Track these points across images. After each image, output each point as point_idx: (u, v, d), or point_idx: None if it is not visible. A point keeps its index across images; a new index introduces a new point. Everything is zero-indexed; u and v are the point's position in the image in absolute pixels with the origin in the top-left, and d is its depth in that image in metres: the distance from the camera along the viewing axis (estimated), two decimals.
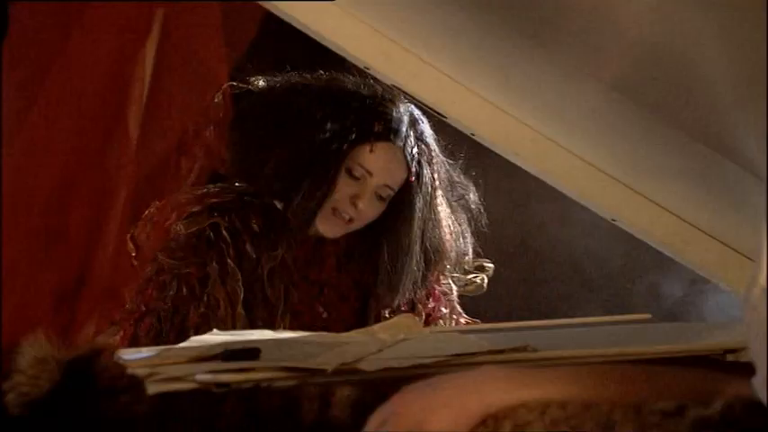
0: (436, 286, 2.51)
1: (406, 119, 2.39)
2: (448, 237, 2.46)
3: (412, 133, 2.39)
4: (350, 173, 2.34)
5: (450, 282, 2.54)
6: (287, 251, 2.38)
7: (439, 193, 2.44)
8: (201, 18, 1.70)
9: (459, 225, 2.49)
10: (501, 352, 1.74)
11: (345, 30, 2.02)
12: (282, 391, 1.52)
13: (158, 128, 1.67)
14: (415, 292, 2.46)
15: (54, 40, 1.60)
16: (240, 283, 2.33)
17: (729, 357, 1.67)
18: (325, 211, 2.35)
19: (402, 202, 2.39)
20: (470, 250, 2.50)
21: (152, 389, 1.51)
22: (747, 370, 1.25)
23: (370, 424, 1.39)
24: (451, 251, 2.47)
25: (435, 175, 2.43)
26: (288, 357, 1.68)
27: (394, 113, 2.38)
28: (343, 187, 2.34)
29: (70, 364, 1.46)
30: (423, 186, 2.39)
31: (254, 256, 2.36)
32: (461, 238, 2.48)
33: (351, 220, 2.37)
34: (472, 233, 2.50)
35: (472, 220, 2.49)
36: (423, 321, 2.45)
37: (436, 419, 1.36)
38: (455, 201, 2.49)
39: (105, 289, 1.70)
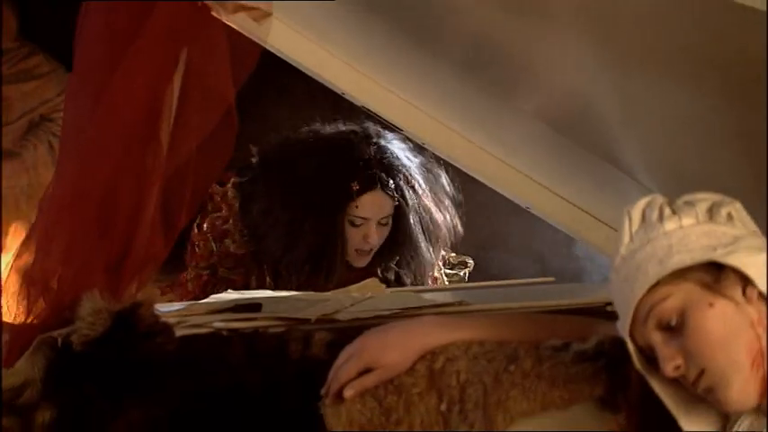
0: (431, 282, 2.43)
1: (375, 161, 2.28)
2: (437, 216, 2.38)
3: (383, 170, 2.28)
4: (352, 224, 2.27)
5: (444, 278, 2.48)
6: (317, 274, 2.29)
7: (421, 191, 2.35)
8: (214, 55, 1.69)
9: (444, 204, 2.40)
10: (441, 306, 1.76)
11: (328, 66, 2.01)
12: (275, 335, 1.56)
13: (181, 139, 1.68)
14: (432, 270, 2.39)
15: (105, 73, 1.60)
16: None
17: (609, 308, 1.70)
18: (351, 254, 2.31)
19: (398, 215, 2.32)
20: (457, 222, 2.41)
21: (180, 332, 1.55)
22: (616, 316, 1.29)
23: (339, 358, 1.43)
24: (444, 227, 2.39)
25: (415, 185, 2.34)
26: (282, 310, 1.70)
27: (363, 164, 2.27)
28: (353, 235, 2.28)
29: (118, 313, 1.49)
30: (407, 200, 2.31)
31: (285, 274, 2.30)
32: (448, 215, 2.40)
33: (372, 249, 2.31)
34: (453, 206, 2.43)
35: (449, 198, 2.42)
36: None
37: (388, 354, 1.41)
38: (434, 188, 2.40)
39: (142, 262, 1.70)
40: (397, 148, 2.34)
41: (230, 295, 1.97)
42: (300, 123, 2.41)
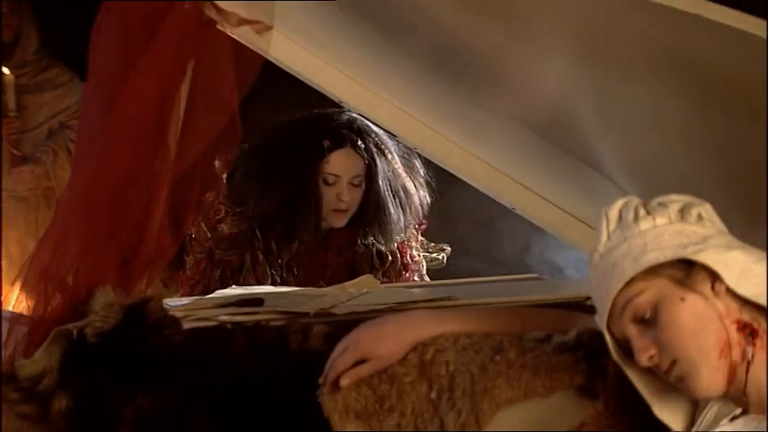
0: (411, 264, 2.43)
1: (345, 124, 2.30)
2: (408, 184, 2.36)
3: (354, 133, 2.29)
4: (325, 182, 2.28)
5: (423, 260, 2.46)
6: (302, 242, 2.30)
7: (390, 157, 2.34)
8: (218, 65, 1.70)
9: (415, 177, 2.39)
10: (432, 300, 1.75)
11: (323, 74, 1.99)
12: (276, 328, 1.56)
13: (188, 144, 1.68)
14: (402, 235, 2.37)
15: (117, 82, 1.61)
16: (268, 271, 2.28)
17: (588, 303, 1.70)
18: (327, 212, 2.30)
19: (368, 176, 2.30)
20: (426, 196, 2.40)
21: (186, 325, 1.54)
22: (594, 310, 1.30)
23: (336, 350, 1.43)
24: (415, 196, 2.37)
25: (386, 150, 2.33)
26: (282, 305, 1.69)
27: (334, 125, 2.29)
28: (327, 194, 2.28)
29: (129, 307, 1.50)
30: (376, 162, 2.30)
31: (276, 250, 2.30)
32: (420, 189, 2.39)
33: (347, 209, 2.30)
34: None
35: (421, 176, 2.40)
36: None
37: (382, 346, 1.41)
38: (406, 162, 2.39)
39: (151, 259, 1.70)
40: (369, 121, 2.33)
41: (234, 291, 1.97)
42: None
